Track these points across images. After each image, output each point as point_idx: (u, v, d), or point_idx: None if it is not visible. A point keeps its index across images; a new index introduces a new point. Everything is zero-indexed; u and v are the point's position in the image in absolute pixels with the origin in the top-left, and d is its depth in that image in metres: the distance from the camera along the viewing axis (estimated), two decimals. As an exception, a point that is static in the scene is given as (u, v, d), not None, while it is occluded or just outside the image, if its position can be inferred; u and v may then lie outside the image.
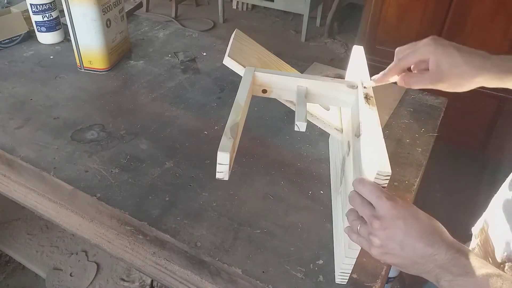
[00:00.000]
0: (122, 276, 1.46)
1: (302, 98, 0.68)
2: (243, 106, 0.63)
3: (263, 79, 0.70)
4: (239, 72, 0.72)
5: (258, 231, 0.70)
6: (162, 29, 1.38)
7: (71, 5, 1.02)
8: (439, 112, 1.03)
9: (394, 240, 0.49)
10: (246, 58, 0.75)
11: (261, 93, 0.72)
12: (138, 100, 1.02)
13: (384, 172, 0.49)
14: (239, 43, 0.79)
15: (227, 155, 0.54)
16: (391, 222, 0.49)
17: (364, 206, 0.51)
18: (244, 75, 0.70)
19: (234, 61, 0.72)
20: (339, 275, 0.61)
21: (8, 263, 1.57)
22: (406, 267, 0.50)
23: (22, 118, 0.93)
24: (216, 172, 0.55)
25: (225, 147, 0.54)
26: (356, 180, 0.53)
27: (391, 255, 0.50)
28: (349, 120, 0.71)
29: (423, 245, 0.48)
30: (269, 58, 0.82)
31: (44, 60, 1.16)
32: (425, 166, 0.86)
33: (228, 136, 0.56)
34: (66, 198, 0.82)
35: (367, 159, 0.54)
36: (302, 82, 0.70)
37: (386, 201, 0.49)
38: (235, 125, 0.58)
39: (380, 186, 0.50)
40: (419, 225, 0.49)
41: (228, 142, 0.55)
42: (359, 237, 0.53)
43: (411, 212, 0.49)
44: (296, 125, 0.62)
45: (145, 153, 0.85)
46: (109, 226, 0.79)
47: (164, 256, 0.75)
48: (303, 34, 3.50)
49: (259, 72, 0.70)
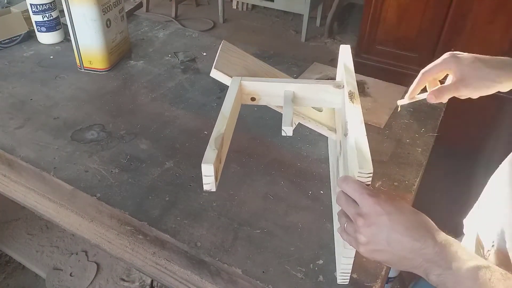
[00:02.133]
0: (122, 276, 1.46)
1: (288, 102, 0.69)
2: (229, 117, 0.63)
3: (250, 88, 0.71)
4: (226, 83, 0.73)
5: (258, 231, 0.70)
6: (162, 29, 1.38)
7: (71, 5, 1.02)
8: (439, 112, 1.03)
9: (379, 236, 0.48)
10: (234, 68, 0.76)
11: (250, 101, 0.73)
12: (138, 100, 1.02)
13: (365, 170, 0.50)
14: (226, 54, 0.80)
15: (211, 167, 0.54)
16: (375, 218, 0.48)
17: (349, 204, 0.51)
18: (230, 85, 0.71)
19: (221, 72, 0.73)
20: (340, 275, 0.61)
21: (8, 263, 1.57)
22: (395, 263, 0.50)
23: (22, 118, 0.93)
24: (203, 184, 0.56)
25: (209, 159, 0.55)
26: (340, 178, 0.53)
27: (379, 252, 0.50)
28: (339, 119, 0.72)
29: (409, 239, 0.47)
30: (258, 66, 0.83)
31: (44, 60, 1.16)
32: (425, 166, 0.86)
33: (213, 148, 0.57)
34: (66, 198, 0.82)
35: (351, 157, 0.54)
36: (289, 87, 0.71)
37: (369, 197, 0.49)
38: (219, 136, 0.59)
39: (363, 184, 0.50)
40: (405, 220, 0.48)
41: (212, 153, 0.56)
42: (348, 236, 0.53)
43: (395, 207, 0.49)
44: (283, 130, 0.63)
45: (145, 153, 0.85)
46: (109, 226, 0.79)
47: (164, 256, 0.75)
48: (303, 34, 3.50)
49: (246, 81, 0.70)
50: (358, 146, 0.53)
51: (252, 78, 0.71)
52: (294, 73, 1.15)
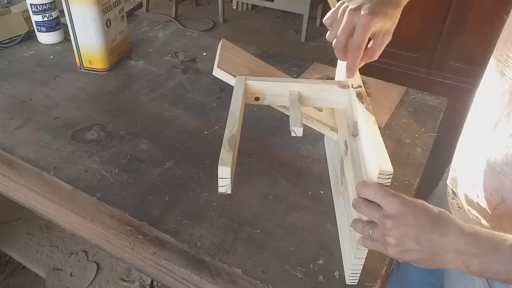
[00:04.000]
0: (122, 276, 1.46)
1: (295, 102, 0.68)
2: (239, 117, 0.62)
3: (255, 87, 0.70)
4: (229, 82, 0.72)
5: (258, 231, 0.70)
6: (162, 29, 1.38)
7: (71, 5, 1.02)
8: (439, 112, 1.03)
9: (408, 236, 0.48)
10: (235, 67, 0.76)
11: (254, 101, 0.72)
12: (138, 100, 1.02)
13: (386, 171, 0.49)
14: (227, 53, 0.79)
15: (228, 169, 0.53)
16: (402, 218, 0.48)
17: (372, 209, 0.50)
18: (235, 84, 0.70)
19: (224, 71, 0.72)
20: (349, 275, 0.61)
21: (8, 263, 1.57)
22: (426, 262, 0.50)
23: (22, 118, 0.93)
24: (218, 186, 0.54)
25: (226, 161, 0.53)
26: (359, 184, 0.52)
27: (409, 252, 0.49)
28: (344, 120, 0.71)
29: (438, 236, 0.47)
30: (258, 65, 0.82)
31: (44, 60, 1.16)
32: (425, 166, 0.86)
33: (227, 149, 0.55)
34: (66, 198, 0.82)
35: (368, 159, 0.54)
36: (294, 87, 0.70)
37: (393, 198, 0.48)
38: (232, 137, 0.57)
39: (384, 186, 0.50)
40: (430, 217, 0.48)
41: (228, 155, 0.54)
42: (373, 242, 0.52)
43: (419, 206, 0.49)
44: (292, 131, 0.62)
45: (145, 153, 0.85)
46: (109, 226, 0.79)
47: (164, 256, 0.75)
48: (303, 34, 3.50)
49: (251, 81, 0.70)
50: (375, 147, 0.53)
51: (256, 78, 0.71)
52: (294, 73, 1.15)
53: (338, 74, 0.81)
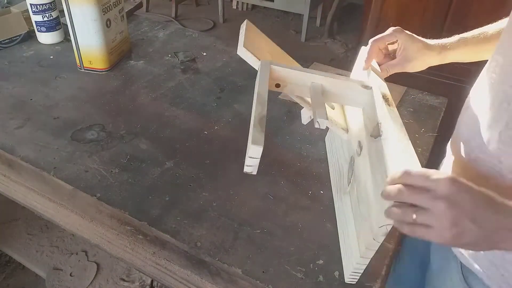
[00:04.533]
0: (122, 276, 1.46)
1: (319, 95, 0.67)
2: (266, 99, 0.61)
3: (278, 73, 0.69)
4: (252, 64, 0.70)
5: (258, 231, 0.70)
6: (162, 29, 1.38)
7: (71, 5, 1.02)
8: (439, 112, 1.03)
9: (465, 215, 0.46)
10: (259, 50, 0.73)
11: (274, 88, 0.70)
12: (138, 100, 1.02)
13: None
14: (251, 34, 0.76)
15: (260, 149, 0.51)
16: (458, 197, 0.46)
17: (419, 193, 0.47)
18: (261, 68, 0.68)
19: (249, 52, 0.69)
20: (350, 275, 0.61)
21: (8, 263, 1.57)
22: (480, 243, 0.48)
23: (22, 118, 0.93)
24: (245, 165, 0.53)
25: (258, 140, 0.51)
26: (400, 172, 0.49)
27: (465, 233, 0.46)
28: (360, 120, 0.71)
29: (491, 213, 0.46)
30: (279, 52, 0.81)
31: (44, 60, 1.16)
32: (425, 166, 0.86)
33: (259, 130, 0.53)
34: (66, 198, 0.82)
35: (394, 160, 0.53)
36: (317, 79, 0.69)
37: (445, 178, 0.45)
38: (263, 118, 0.56)
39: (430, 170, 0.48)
40: (482, 194, 0.46)
41: (260, 135, 0.52)
42: (414, 226, 0.49)
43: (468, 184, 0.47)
44: (317, 122, 0.61)
45: (145, 153, 0.85)
46: (109, 226, 0.79)
47: (164, 256, 0.75)
48: (303, 34, 3.50)
49: (275, 66, 0.68)
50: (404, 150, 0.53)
51: (280, 64, 0.69)
52: (294, 73, 1.15)
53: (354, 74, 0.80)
